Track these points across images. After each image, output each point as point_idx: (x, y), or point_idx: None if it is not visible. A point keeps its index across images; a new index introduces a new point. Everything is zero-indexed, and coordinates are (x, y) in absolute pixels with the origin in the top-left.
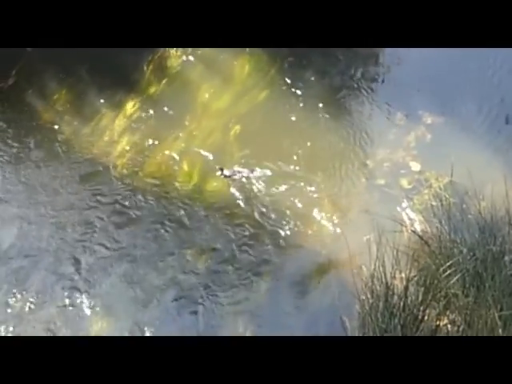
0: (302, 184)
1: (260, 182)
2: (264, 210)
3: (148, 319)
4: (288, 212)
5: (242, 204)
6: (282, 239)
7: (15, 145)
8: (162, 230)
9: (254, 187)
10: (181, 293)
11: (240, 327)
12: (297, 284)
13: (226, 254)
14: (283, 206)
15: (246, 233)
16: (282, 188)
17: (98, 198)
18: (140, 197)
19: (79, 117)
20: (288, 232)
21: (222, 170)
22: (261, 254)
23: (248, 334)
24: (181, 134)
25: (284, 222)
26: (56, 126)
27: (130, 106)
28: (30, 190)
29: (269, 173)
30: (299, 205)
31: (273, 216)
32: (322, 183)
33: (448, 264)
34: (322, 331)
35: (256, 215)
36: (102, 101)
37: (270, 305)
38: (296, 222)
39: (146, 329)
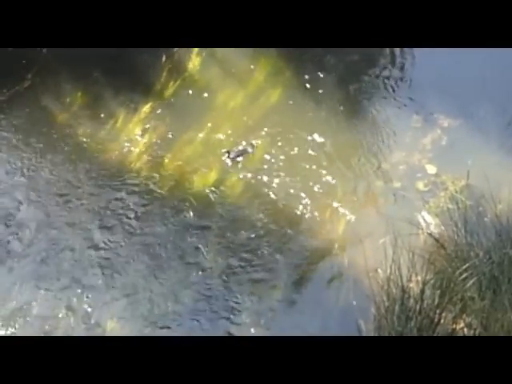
0: (316, 188)
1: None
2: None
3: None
4: (303, 212)
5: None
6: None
7: (31, 146)
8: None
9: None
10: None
11: None
12: (312, 285)
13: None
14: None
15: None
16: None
17: (119, 192)
18: (159, 190)
19: (95, 118)
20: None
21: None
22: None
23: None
24: (197, 134)
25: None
26: (72, 128)
27: (147, 107)
28: (52, 185)
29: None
30: (313, 207)
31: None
32: (338, 186)
33: (464, 267)
34: (336, 333)
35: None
36: (118, 102)
37: (286, 308)
38: (312, 223)
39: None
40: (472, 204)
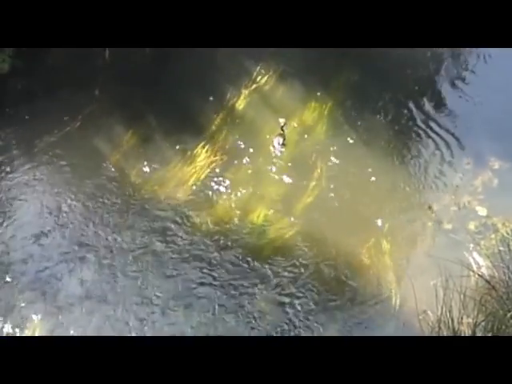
0: (366, 229)
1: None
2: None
3: None
4: (354, 253)
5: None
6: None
7: (83, 186)
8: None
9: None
10: None
11: None
12: (362, 327)
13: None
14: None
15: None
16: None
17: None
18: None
19: (146, 160)
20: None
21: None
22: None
23: None
24: (249, 175)
25: (350, 265)
26: (123, 169)
27: (197, 149)
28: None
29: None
30: (364, 248)
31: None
32: (388, 227)
33: None
34: None
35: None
36: (169, 144)
37: None
38: (363, 264)
39: None
40: None
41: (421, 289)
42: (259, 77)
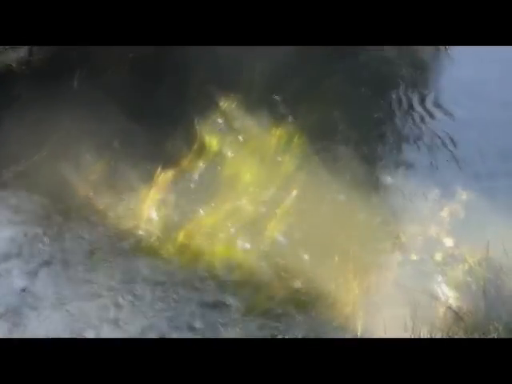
0: (333, 260)
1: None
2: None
3: None
4: (321, 284)
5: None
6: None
7: (49, 217)
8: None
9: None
10: None
11: None
12: None
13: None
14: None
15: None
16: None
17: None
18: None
19: (113, 189)
20: (321, 305)
21: None
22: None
23: None
24: (213, 209)
25: (317, 295)
26: (90, 198)
27: (164, 179)
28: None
29: None
30: (330, 279)
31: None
32: (355, 256)
33: None
34: None
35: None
36: (136, 173)
37: None
38: (330, 295)
39: None
40: (491, 277)
41: (389, 319)
42: (227, 107)
